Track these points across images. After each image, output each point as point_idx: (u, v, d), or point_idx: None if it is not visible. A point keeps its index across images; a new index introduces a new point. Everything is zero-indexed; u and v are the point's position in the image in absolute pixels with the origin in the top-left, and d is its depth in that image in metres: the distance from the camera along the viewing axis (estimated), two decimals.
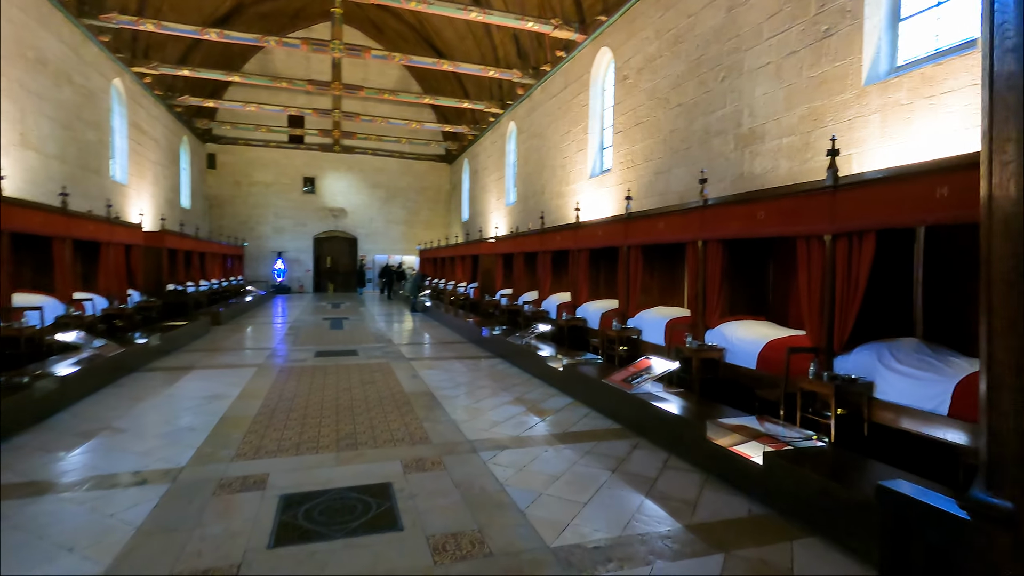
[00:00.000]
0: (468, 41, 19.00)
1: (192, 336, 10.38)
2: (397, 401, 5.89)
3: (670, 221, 6.34)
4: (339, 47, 14.40)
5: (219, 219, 24.75)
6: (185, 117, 20.73)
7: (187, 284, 13.98)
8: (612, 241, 7.60)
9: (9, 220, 6.48)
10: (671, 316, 6.64)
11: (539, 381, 7.05)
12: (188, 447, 4.32)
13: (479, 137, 22.20)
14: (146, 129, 17.04)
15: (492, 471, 3.90)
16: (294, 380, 6.83)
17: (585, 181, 13.01)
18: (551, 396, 6.27)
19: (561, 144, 14.42)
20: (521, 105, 17.39)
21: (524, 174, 17.15)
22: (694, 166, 9.00)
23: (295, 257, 26.12)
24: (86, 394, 5.84)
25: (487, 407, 5.74)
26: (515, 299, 11.42)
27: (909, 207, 3.67)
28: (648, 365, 5.46)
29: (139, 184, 16.47)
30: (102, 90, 13.95)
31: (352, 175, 26.55)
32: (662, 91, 9.93)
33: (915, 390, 3.73)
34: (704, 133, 8.79)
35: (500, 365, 8.20)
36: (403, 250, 27.43)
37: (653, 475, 3.91)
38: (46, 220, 7.28)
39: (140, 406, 5.55)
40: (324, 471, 3.85)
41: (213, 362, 8.08)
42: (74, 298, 8.05)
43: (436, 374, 7.42)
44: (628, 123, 11.10)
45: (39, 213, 7.20)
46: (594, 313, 8.10)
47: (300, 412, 5.38)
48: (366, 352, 9.18)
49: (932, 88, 5.52)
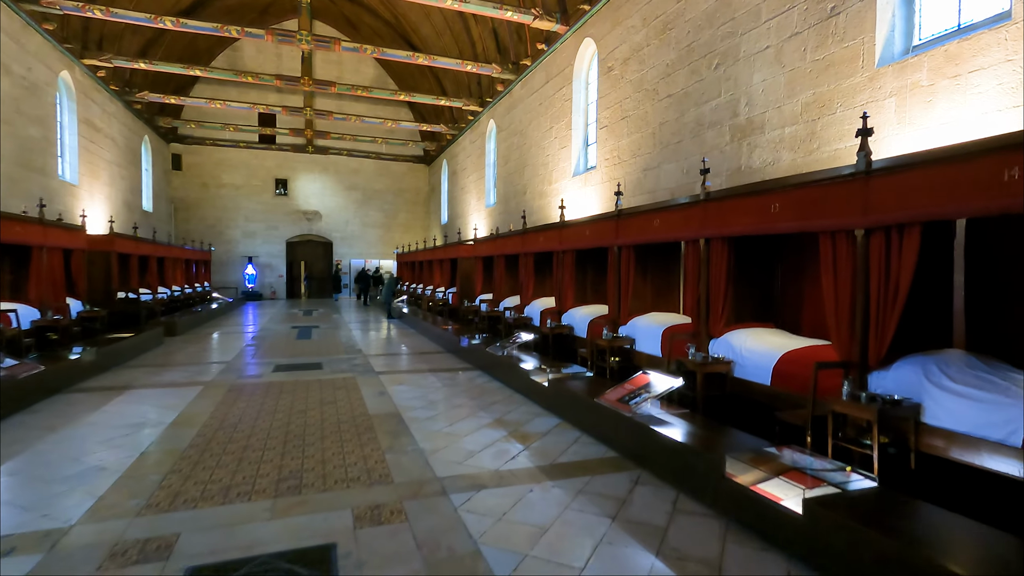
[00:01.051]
0: (446, 37, 18.26)
1: (140, 349, 9.42)
2: (358, 426, 5.10)
3: (667, 217, 5.67)
4: (307, 38, 13.54)
5: (185, 223, 23.57)
6: (146, 115, 19.60)
7: (141, 292, 12.96)
8: (601, 241, 6.92)
9: None
10: (668, 323, 5.97)
11: (522, 397, 6.32)
12: (88, 495, 3.49)
13: (458, 136, 21.46)
14: (100, 126, 15.93)
15: (465, 522, 3.16)
16: (243, 401, 5.99)
17: (569, 180, 12.35)
18: (536, 416, 5.54)
19: (543, 142, 13.76)
20: (501, 102, 16.70)
21: (505, 174, 16.45)
22: (686, 161, 8.38)
23: (267, 262, 25.02)
24: None
25: (463, 431, 4.99)
26: (496, 305, 10.68)
27: (965, 193, 3.03)
28: (647, 382, 4.77)
29: (92, 185, 15.36)
30: (47, 83, 12.88)
31: (327, 177, 25.57)
32: (650, 82, 9.30)
33: (976, 415, 3.08)
34: (697, 125, 8.18)
35: (479, 379, 7.45)
36: (380, 254, 26.51)
37: (662, 523, 3.20)
38: None
39: (48, 439, 4.67)
40: (252, 528, 3.06)
41: (155, 380, 7.19)
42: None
43: (407, 391, 6.64)
44: (614, 117, 10.46)
45: None
46: (581, 320, 7.40)
47: (241, 443, 4.56)
48: (332, 365, 8.35)
49: (957, 67, 4.94)
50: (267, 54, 23.23)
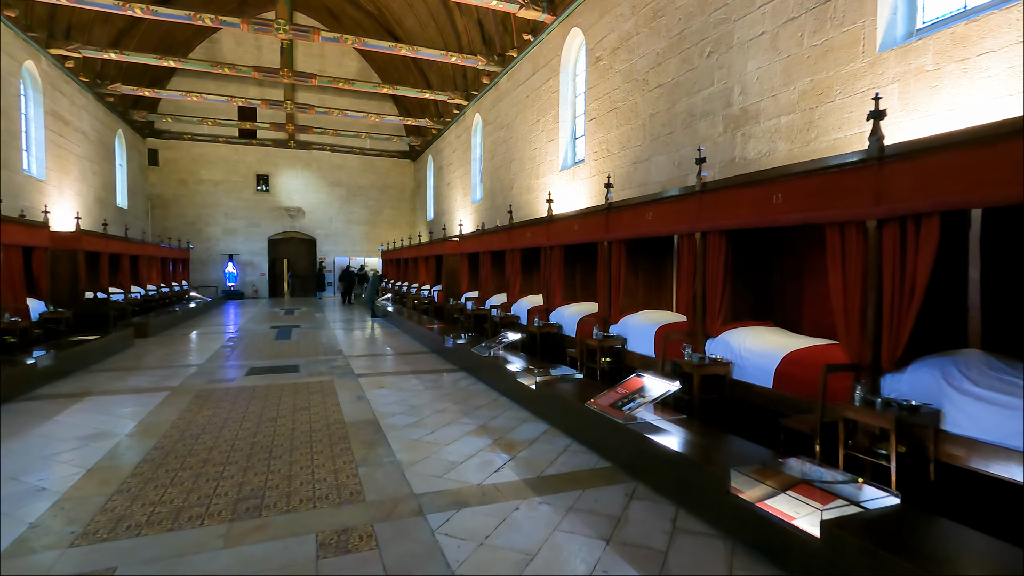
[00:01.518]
0: (431, 28, 17.82)
1: (107, 352, 8.95)
2: (332, 435, 4.74)
3: (661, 210, 5.37)
4: (284, 27, 13.06)
5: (163, 220, 22.89)
6: (120, 109, 18.92)
7: (112, 292, 12.43)
8: (591, 236, 6.60)
9: None
10: (662, 322, 5.67)
11: (508, 401, 5.99)
12: (19, 522, 3.10)
13: (443, 131, 21.04)
14: (69, 119, 15.29)
15: (442, 548, 2.82)
16: (210, 408, 5.59)
17: (556, 174, 12.03)
18: (523, 422, 5.21)
19: (530, 135, 13.41)
20: (487, 95, 16.32)
21: (491, 169, 16.09)
22: (677, 153, 8.09)
23: (248, 260, 24.41)
24: None
25: (444, 439, 4.65)
26: (482, 303, 10.34)
27: (995, 179, 2.75)
28: (641, 385, 4.46)
29: (61, 180, 14.74)
30: (10, 73, 12.27)
31: (310, 173, 25.00)
32: (640, 72, 9.00)
33: (1002, 421, 2.82)
34: (688, 116, 7.89)
35: (464, 381, 7.11)
36: (365, 251, 26.00)
37: (661, 546, 2.89)
38: None
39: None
40: (201, 560, 2.70)
41: (118, 385, 6.75)
42: None
43: (387, 395, 6.29)
44: (602, 109, 10.15)
45: None
46: (570, 318, 7.10)
47: (201, 457, 4.18)
48: (309, 367, 7.96)
49: (965, 50, 4.68)
50: (247, 47, 22.60)
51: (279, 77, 16.32)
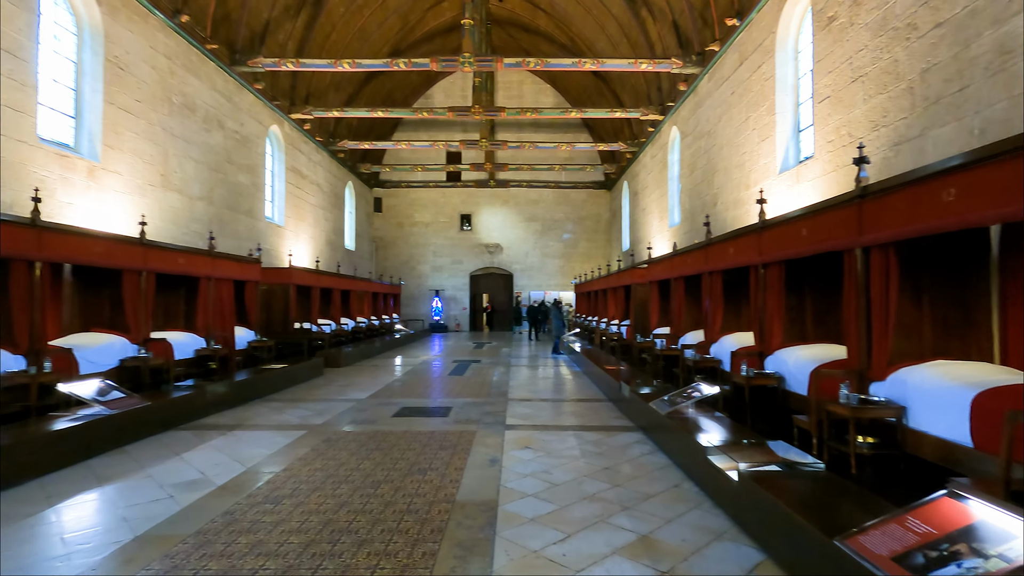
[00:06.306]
0: (623, 47, 16.62)
1: (291, 380, 9.23)
2: (426, 524, 3.39)
3: (972, 183, 2.97)
4: (470, 60, 13.08)
5: (384, 260, 25.45)
6: (349, 163, 21.59)
7: (322, 323, 13.44)
8: (829, 243, 4.29)
9: (54, 248, 5.66)
10: (982, 382, 3.14)
11: (696, 491, 3.99)
12: None
13: (638, 154, 19.41)
14: (306, 174, 17.67)
15: None
16: (323, 460, 4.76)
17: (773, 178, 9.45)
18: (716, 538, 3.20)
19: (736, 139, 11.02)
20: (684, 104, 14.30)
21: (690, 186, 13.89)
22: (977, 116, 5.22)
23: (451, 295, 25.67)
24: (49, 470, 4.37)
25: (577, 559, 2.94)
26: (674, 341, 8.27)
27: None
28: (964, 517, 2.18)
29: (297, 226, 16.95)
30: (257, 135, 14.44)
31: (507, 210, 25.53)
32: (901, 14, 6.29)
33: None
34: (998, 53, 5.02)
35: (638, 447, 5.25)
36: (559, 285, 25.35)
37: None
38: (108, 249, 6.46)
39: (76, 499, 3.89)
40: None
41: (270, 419, 6.51)
42: (151, 338, 7.23)
43: (528, 461, 4.78)
44: (840, 83, 7.50)
45: (100, 242, 6.41)
46: (798, 367, 4.76)
47: (255, 537, 3.19)
48: (462, 412, 6.90)
49: None
50: (454, 97, 24.17)
51: (471, 114, 16.66)
